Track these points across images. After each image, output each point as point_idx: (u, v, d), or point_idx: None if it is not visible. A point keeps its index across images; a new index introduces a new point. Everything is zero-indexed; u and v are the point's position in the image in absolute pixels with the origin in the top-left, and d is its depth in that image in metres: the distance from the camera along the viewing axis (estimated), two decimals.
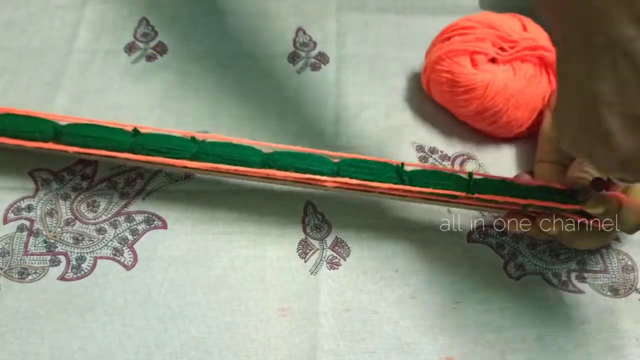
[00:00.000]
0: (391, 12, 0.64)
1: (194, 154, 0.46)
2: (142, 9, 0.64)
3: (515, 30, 0.52)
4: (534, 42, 0.51)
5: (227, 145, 0.46)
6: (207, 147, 0.46)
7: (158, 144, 0.46)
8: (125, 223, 0.49)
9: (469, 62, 0.52)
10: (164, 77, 0.58)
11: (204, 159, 0.45)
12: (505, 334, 0.44)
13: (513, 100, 0.50)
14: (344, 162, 0.45)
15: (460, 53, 0.52)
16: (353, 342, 0.44)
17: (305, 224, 0.49)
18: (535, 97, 0.51)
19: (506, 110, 0.51)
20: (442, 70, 0.53)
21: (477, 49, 0.51)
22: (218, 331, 0.44)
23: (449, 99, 0.53)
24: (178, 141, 0.46)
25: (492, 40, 0.52)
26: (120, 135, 0.46)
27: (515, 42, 0.51)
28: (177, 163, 0.45)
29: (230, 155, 0.45)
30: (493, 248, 0.49)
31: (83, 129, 0.47)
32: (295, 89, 0.58)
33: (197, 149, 0.46)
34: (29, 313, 0.44)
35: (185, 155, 0.45)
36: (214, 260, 0.47)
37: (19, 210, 0.49)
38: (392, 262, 0.48)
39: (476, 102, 0.51)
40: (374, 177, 0.44)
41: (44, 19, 0.62)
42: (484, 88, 0.50)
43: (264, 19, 0.64)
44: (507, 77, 0.50)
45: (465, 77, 0.51)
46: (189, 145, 0.46)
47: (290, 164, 0.45)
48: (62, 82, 0.57)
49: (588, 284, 0.47)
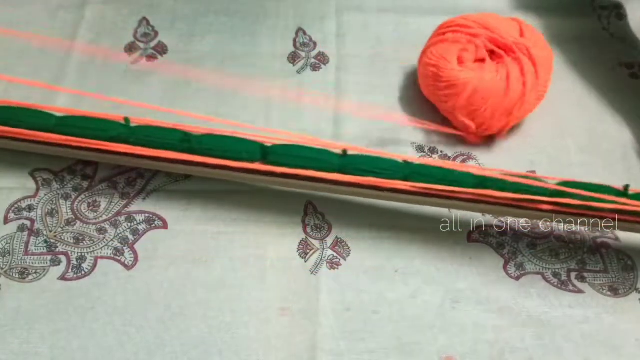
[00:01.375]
0: (391, 12, 0.64)
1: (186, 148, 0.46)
2: (142, 9, 0.64)
3: (511, 34, 0.52)
4: (525, 49, 0.51)
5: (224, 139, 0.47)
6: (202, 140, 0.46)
7: (150, 133, 0.47)
8: (126, 223, 0.49)
9: (456, 59, 0.52)
10: (164, 77, 0.58)
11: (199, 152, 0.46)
12: (505, 334, 0.45)
13: (491, 101, 0.50)
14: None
15: (449, 49, 0.52)
16: (353, 342, 0.44)
17: (306, 224, 0.49)
18: (513, 101, 0.51)
19: (483, 112, 0.51)
20: (429, 64, 0.53)
21: (466, 47, 0.52)
22: (218, 331, 0.44)
23: (433, 93, 0.54)
24: (169, 133, 0.47)
25: (484, 41, 0.52)
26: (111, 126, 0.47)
27: (507, 46, 0.51)
28: (171, 156, 0.46)
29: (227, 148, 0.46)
30: (493, 248, 0.49)
31: (77, 121, 0.48)
32: (295, 89, 0.58)
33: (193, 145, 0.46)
34: (30, 313, 0.44)
35: (175, 147, 0.46)
36: (214, 260, 0.47)
37: (20, 210, 0.49)
38: (392, 262, 0.48)
39: (454, 99, 0.51)
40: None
41: (44, 19, 0.62)
42: (463, 86, 0.51)
43: (264, 19, 0.64)
44: (489, 79, 0.50)
45: (449, 73, 0.51)
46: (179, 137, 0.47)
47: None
48: (62, 82, 0.57)
49: (588, 284, 0.47)
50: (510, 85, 0.50)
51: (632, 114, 0.57)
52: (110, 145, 0.47)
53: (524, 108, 0.51)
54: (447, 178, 0.45)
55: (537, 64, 0.51)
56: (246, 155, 0.46)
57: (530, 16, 0.64)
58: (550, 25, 0.63)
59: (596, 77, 0.60)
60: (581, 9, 0.65)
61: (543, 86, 0.52)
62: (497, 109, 0.51)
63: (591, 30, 0.63)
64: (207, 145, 0.46)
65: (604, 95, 0.58)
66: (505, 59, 0.51)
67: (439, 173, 0.45)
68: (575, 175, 0.52)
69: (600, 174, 0.53)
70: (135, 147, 0.47)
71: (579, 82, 0.59)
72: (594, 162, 0.54)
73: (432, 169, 0.45)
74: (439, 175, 0.45)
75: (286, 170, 0.45)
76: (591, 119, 0.57)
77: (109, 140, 0.47)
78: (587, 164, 0.54)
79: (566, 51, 0.61)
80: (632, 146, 0.55)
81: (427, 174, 0.45)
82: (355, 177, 0.45)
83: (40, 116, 0.48)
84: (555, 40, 0.62)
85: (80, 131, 0.47)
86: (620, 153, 0.54)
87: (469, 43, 0.52)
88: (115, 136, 0.47)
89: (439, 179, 0.45)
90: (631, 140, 0.55)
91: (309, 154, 0.46)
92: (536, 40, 0.53)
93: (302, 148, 0.46)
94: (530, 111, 0.53)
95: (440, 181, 0.45)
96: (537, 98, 0.53)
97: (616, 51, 0.62)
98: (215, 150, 0.46)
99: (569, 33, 0.63)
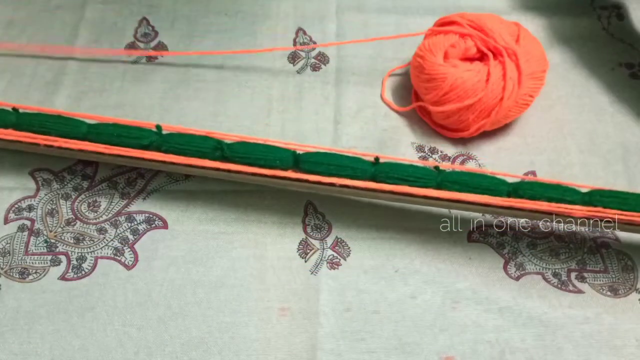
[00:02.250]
0: (391, 12, 0.64)
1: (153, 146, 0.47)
2: (142, 9, 0.64)
3: (505, 38, 0.52)
4: (514, 55, 0.51)
5: (254, 146, 0.47)
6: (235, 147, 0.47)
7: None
8: (126, 223, 0.49)
9: (442, 54, 0.52)
10: (164, 77, 0.58)
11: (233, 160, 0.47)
12: (505, 334, 0.45)
13: (468, 101, 0.50)
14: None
15: (438, 44, 0.52)
16: (353, 342, 0.44)
17: (306, 224, 0.49)
18: (490, 104, 0.50)
19: (457, 110, 0.51)
20: (417, 55, 0.54)
21: (456, 44, 0.52)
22: (218, 331, 0.44)
23: (417, 84, 0.54)
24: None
25: (476, 41, 0.52)
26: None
27: (497, 49, 0.51)
28: (205, 164, 0.46)
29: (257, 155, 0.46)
30: (493, 248, 0.49)
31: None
32: (295, 89, 0.58)
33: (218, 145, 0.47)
34: (30, 313, 0.44)
35: (142, 146, 0.47)
36: (214, 260, 0.47)
37: (20, 210, 0.49)
38: (392, 262, 0.48)
39: (433, 92, 0.52)
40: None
41: (44, 19, 0.62)
42: (442, 80, 0.51)
43: (264, 19, 0.64)
44: (469, 78, 0.50)
45: (431, 66, 0.52)
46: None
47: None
48: (62, 82, 0.57)
49: (588, 284, 0.47)
50: (488, 87, 0.50)
51: (632, 114, 0.57)
52: (144, 153, 0.46)
53: (502, 113, 0.51)
54: (481, 186, 0.45)
55: (521, 72, 0.50)
56: (279, 163, 0.46)
57: (530, 16, 0.64)
58: (550, 25, 0.63)
59: (596, 77, 0.60)
60: (581, 9, 0.65)
61: (526, 95, 0.52)
62: (473, 110, 0.51)
63: (591, 30, 0.63)
64: (240, 154, 0.46)
65: (604, 95, 0.58)
66: (491, 62, 0.51)
67: (471, 181, 0.45)
68: (576, 175, 0.53)
69: (600, 174, 0.53)
70: (168, 155, 0.46)
71: (579, 82, 0.59)
72: (594, 162, 0.54)
73: (464, 176, 0.46)
74: (472, 184, 0.45)
75: (319, 178, 0.45)
76: (591, 119, 0.57)
77: (141, 148, 0.47)
78: (587, 164, 0.53)
79: (566, 51, 0.61)
80: (632, 146, 0.55)
81: (459, 182, 0.45)
82: (388, 185, 0.45)
83: (71, 123, 0.48)
84: (555, 40, 0.62)
85: (113, 139, 0.47)
86: (620, 153, 0.54)
87: (461, 40, 0.52)
88: (147, 144, 0.47)
89: (472, 187, 0.45)
90: (631, 140, 0.55)
91: (341, 162, 0.46)
92: (530, 48, 0.52)
93: (334, 156, 0.46)
94: (510, 118, 0.53)
95: (473, 189, 0.45)
96: (518, 106, 0.52)
97: (616, 51, 0.61)
98: (247, 158, 0.46)
99: (569, 33, 0.63)
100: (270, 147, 0.47)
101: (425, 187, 0.45)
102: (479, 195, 0.44)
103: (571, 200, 0.44)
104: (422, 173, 0.46)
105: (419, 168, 0.46)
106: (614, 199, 0.44)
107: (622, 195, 0.44)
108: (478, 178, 0.45)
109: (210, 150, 0.46)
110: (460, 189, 0.45)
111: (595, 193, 0.45)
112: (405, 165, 0.46)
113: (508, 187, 0.45)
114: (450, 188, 0.45)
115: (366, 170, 0.46)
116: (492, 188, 0.45)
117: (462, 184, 0.45)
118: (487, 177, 0.46)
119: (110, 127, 0.48)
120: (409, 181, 0.45)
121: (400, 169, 0.46)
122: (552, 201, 0.44)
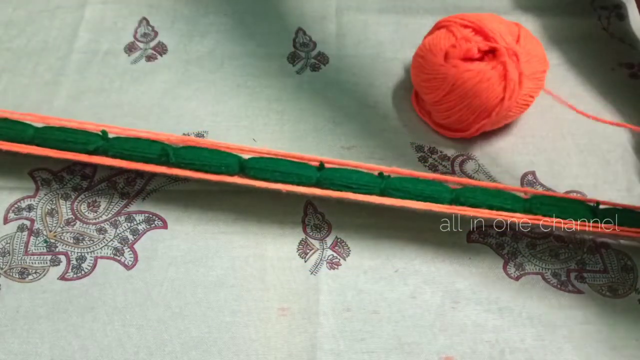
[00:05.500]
0: (391, 12, 0.64)
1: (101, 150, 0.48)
2: (142, 9, 0.64)
3: (505, 38, 0.51)
4: (515, 55, 0.51)
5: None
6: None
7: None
8: (126, 223, 0.49)
9: (443, 54, 0.52)
10: (164, 77, 0.58)
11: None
12: (505, 334, 0.45)
13: (467, 101, 0.50)
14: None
15: (439, 43, 0.52)
16: (353, 342, 0.44)
17: (306, 224, 0.49)
18: (491, 104, 0.50)
19: (458, 110, 0.51)
20: (418, 54, 0.54)
21: (457, 44, 0.52)
22: (218, 331, 0.44)
23: (418, 84, 0.54)
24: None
25: (476, 41, 0.52)
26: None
27: (498, 50, 0.51)
28: (150, 169, 0.47)
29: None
30: (493, 248, 0.49)
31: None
32: (295, 89, 0.58)
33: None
34: (29, 313, 0.44)
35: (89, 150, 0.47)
36: (214, 260, 0.47)
37: (20, 210, 0.49)
38: (392, 262, 0.48)
39: (434, 93, 0.52)
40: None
41: (44, 19, 0.62)
42: (442, 80, 0.51)
43: (264, 19, 0.64)
44: (469, 78, 0.50)
45: (431, 65, 0.52)
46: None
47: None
48: (62, 82, 0.57)
49: (587, 284, 0.47)
50: (489, 87, 0.50)
51: (631, 114, 0.57)
52: (89, 158, 0.47)
53: (503, 114, 0.51)
54: (423, 193, 0.46)
55: (522, 73, 0.50)
56: (224, 169, 0.47)
57: (530, 16, 0.64)
58: (550, 25, 0.63)
59: (596, 77, 0.60)
60: (581, 9, 0.65)
61: (527, 95, 0.52)
62: (473, 110, 0.51)
63: (591, 30, 0.63)
64: (186, 160, 0.47)
65: (604, 95, 0.58)
66: (492, 62, 0.51)
67: (414, 188, 0.46)
68: (575, 175, 0.53)
69: (600, 174, 0.53)
70: (115, 160, 0.47)
71: (579, 82, 0.59)
72: (594, 162, 0.54)
73: (407, 183, 0.46)
74: (414, 191, 0.46)
75: (264, 185, 0.46)
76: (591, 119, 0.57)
77: (88, 153, 0.48)
78: (587, 164, 0.54)
79: (566, 51, 0.61)
80: (632, 146, 0.55)
81: (401, 189, 0.46)
82: (332, 191, 0.46)
83: (18, 127, 0.48)
84: (555, 40, 0.62)
85: (58, 144, 0.48)
86: (620, 153, 0.54)
87: (462, 40, 0.52)
88: (93, 150, 0.48)
89: (414, 194, 0.46)
90: (630, 140, 0.55)
91: (285, 169, 0.47)
92: (531, 48, 0.52)
93: (279, 162, 0.47)
94: (510, 118, 0.53)
95: (415, 197, 0.46)
96: (519, 106, 0.52)
97: (616, 51, 0.62)
98: (193, 164, 0.47)
99: (568, 33, 0.63)
100: (217, 153, 0.47)
101: (369, 194, 0.46)
102: (421, 203, 0.45)
103: (512, 209, 0.46)
104: (365, 180, 0.46)
105: (364, 175, 0.47)
106: (552, 207, 0.46)
107: (561, 202, 0.46)
108: (421, 185, 0.46)
109: (157, 156, 0.47)
110: (403, 196, 0.46)
111: (535, 200, 0.46)
112: (349, 172, 0.47)
113: (451, 194, 0.46)
114: (394, 195, 0.46)
115: (311, 176, 0.46)
116: (435, 196, 0.46)
117: (404, 192, 0.46)
118: (430, 184, 0.47)
119: (57, 132, 0.48)
120: (353, 188, 0.46)
121: (344, 175, 0.46)
122: (493, 209, 0.45)
